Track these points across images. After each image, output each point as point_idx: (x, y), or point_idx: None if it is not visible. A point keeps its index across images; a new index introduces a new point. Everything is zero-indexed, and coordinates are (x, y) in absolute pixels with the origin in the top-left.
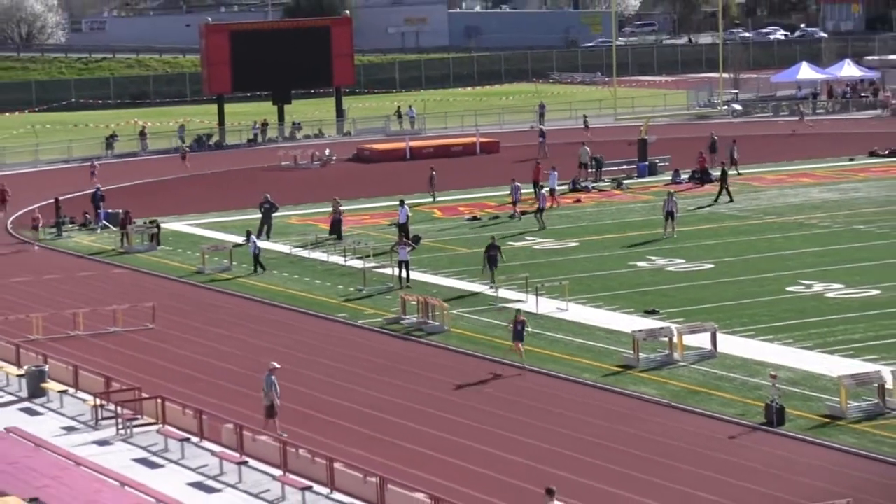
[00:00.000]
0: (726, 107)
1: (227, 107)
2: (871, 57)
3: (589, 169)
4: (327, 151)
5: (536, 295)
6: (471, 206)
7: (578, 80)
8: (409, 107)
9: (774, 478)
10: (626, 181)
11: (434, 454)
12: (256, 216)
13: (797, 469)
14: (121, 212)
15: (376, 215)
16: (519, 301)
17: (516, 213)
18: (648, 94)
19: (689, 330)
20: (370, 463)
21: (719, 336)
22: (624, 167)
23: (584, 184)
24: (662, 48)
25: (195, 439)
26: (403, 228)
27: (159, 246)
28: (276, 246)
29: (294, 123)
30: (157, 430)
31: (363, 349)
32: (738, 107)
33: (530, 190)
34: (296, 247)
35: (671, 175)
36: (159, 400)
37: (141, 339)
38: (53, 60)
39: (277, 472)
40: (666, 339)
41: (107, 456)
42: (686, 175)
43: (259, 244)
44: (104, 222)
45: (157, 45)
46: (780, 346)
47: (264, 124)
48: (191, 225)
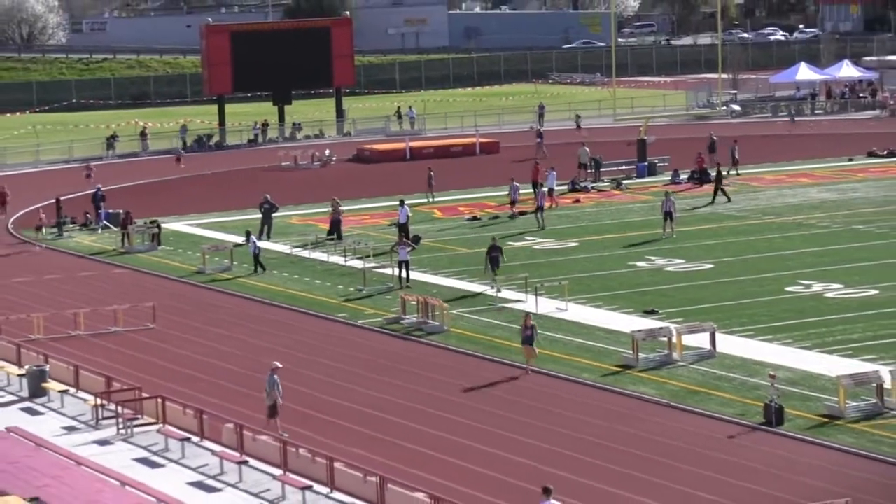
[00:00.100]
0: (725, 107)
1: (228, 107)
2: (869, 58)
3: (588, 169)
4: (327, 152)
5: (536, 295)
6: (471, 206)
7: (578, 81)
8: (409, 107)
9: (773, 477)
10: (625, 181)
11: (434, 454)
12: (257, 216)
13: (796, 469)
14: (121, 212)
15: (376, 215)
16: (518, 301)
17: (515, 213)
18: (647, 95)
19: (688, 330)
20: (370, 462)
21: (718, 336)
22: (623, 167)
23: (583, 184)
24: (661, 49)
25: (195, 439)
26: (403, 228)
27: (160, 246)
28: (277, 246)
29: (294, 124)
30: (158, 430)
31: (363, 349)
32: (736, 107)
33: (529, 190)
34: (296, 247)
35: (670, 175)
36: (160, 400)
37: (141, 338)
38: (54, 61)
39: (278, 472)
40: (665, 339)
41: (107, 455)
42: (685, 175)
43: (259, 244)
44: (105, 222)
45: (158, 46)
46: (779, 346)
47: (265, 125)
48: (191, 225)
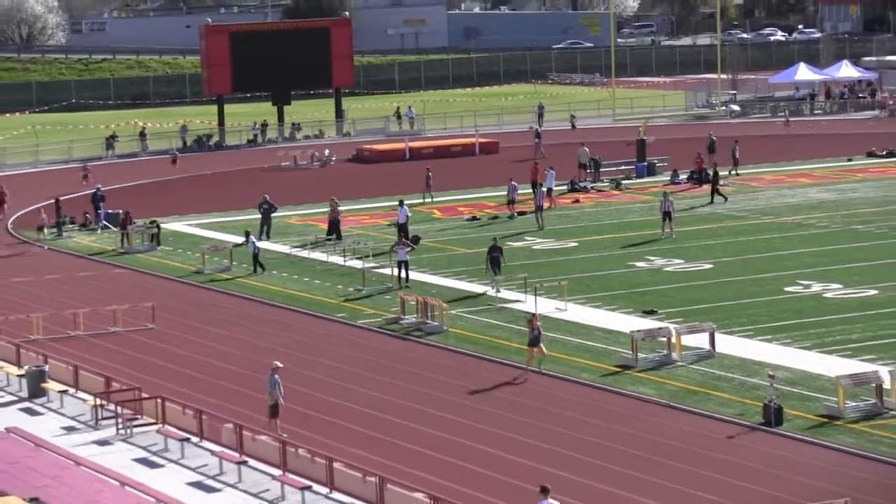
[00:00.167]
0: (724, 107)
1: (227, 107)
2: (868, 58)
3: (588, 169)
4: (327, 152)
5: (535, 295)
6: (470, 206)
7: (577, 81)
8: (409, 107)
9: (772, 477)
10: (624, 181)
11: (433, 454)
12: (256, 217)
13: (795, 469)
14: (121, 212)
15: (376, 215)
16: (517, 301)
17: (514, 214)
18: (647, 95)
19: (687, 330)
20: (369, 463)
21: (718, 336)
22: (622, 168)
23: (582, 184)
24: (661, 49)
25: (195, 439)
26: (403, 229)
27: (159, 246)
28: (276, 246)
29: (294, 124)
30: (157, 430)
31: (362, 349)
32: (736, 107)
33: (528, 190)
34: (295, 247)
35: (670, 175)
36: (159, 400)
37: (141, 339)
38: (54, 61)
39: (277, 472)
40: (664, 339)
41: (107, 456)
42: (685, 175)
43: (258, 244)
44: (104, 222)
45: (157, 46)
46: (778, 346)
47: (264, 125)
48: (191, 225)
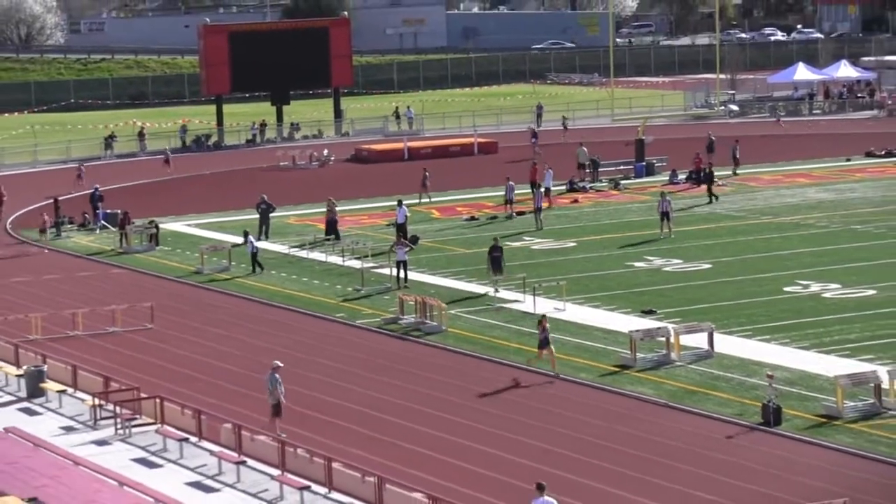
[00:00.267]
0: (723, 107)
1: (226, 107)
2: (867, 58)
3: (586, 169)
4: (325, 152)
5: (534, 295)
6: (469, 206)
7: (576, 81)
8: (408, 107)
9: (771, 477)
10: (623, 181)
11: (432, 454)
12: (255, 217)
13: (794, 469)
14: (120, 212)
15: (374, 215)
16: (516, 301)
17: (512, 213)
18: (646, 95)
19: (686, 330)
20: (368, 462)
21: (716, 336)
22: (621, 167)
23: (581, 184)
24: (659, 49)
25: (194, 439)
26: (401, 229)
27: (158, 246)
28: (275, 246)
29: (292, 124)
30: (156, 430)
31: (361, 349)
32: (734, 107)
33: (526, 190)
34: (294, 247)
35: (668, 175)
36: (158, 400)
37: (140, 339)
38: (52, 61)
39: (276, 472)
40: (663, 338)
41: (105, 456)
42: (683, 175)
43: (257, 244)
44: (103, 222)
45: (156, 46)
46: (777, 346)
47: (263, 125)
48: (189, 225)
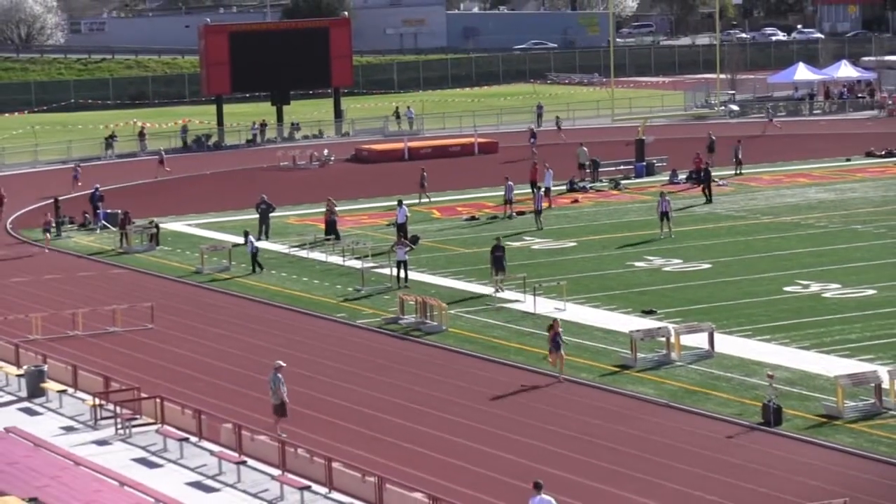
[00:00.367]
0: (723, 107)
1: (226, 107)
2: (867, 58)
3: (586, 169)
4: (326, 152)
5: (534, 295)
6: (469, 206)
7: (576, 81)
8: (408, 107)
9: (771, 477)
10: (623, 181)
11: (432, 454)
12: (255, 216)
13: (794, 469)
14: (120, 212)
15: (374, 215)
16: (517, 301)
17: (512, 213)
18: (646, 95)
19: (686, 330)
20: (368, 462)
21: (717, 336)
22: (621, 167)
23: (581, 184)
24: (659, 49)
25: (194, 439)
26: (402, 228)
27: (158, 246)
28: (275, 246)
29: (293, 124)
30: (156, 430)
31: (361, 349)
32: (734, 107)
33: (526, 190)
34: (294, 247)
35: (668, 175)
36: (158, 400)
37: (140, 339)
38: (53, 61)
39: (276, 472)
40: (663, 338)
41: (106, 456)
42: (683, 175)
43: (257, 244)
44: (103, 222)
45: (156, 46)
46: (777, 346)
47: (263, 125)
48: (190, 225)
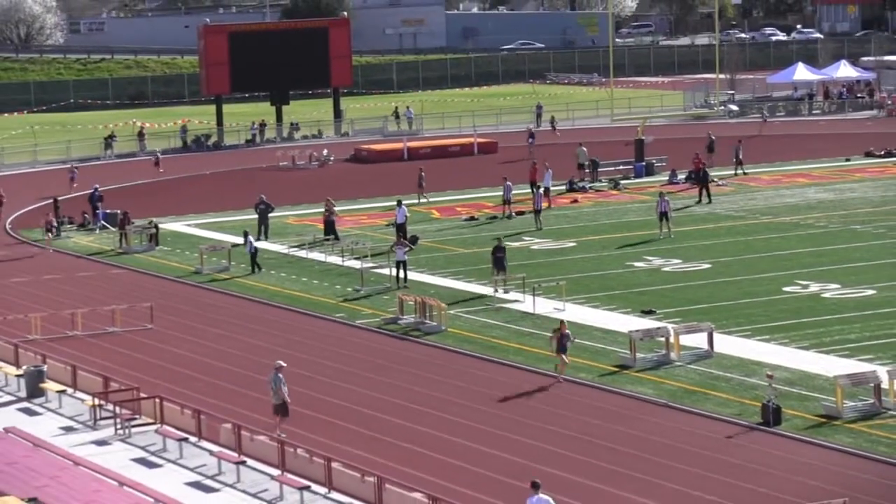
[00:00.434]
0: (723, 107)
1: (226, 107)
2: (867, 58)
3: (586, 169)
4: (325, 152)
5: (534, 295)
6: (468, 206)
7: (576, 81)
8: (407, 107)
9: (771, 477)
10: (622, 181)
11: (432, 454)
12: (254, 216)
13: (793, 468)
14: (119, 212)
15: (374, 216)
16: (516, 301)
17: (511, 213)
18: (645, 95)
19: (685, 330)
20: (368, 462)
21: (716, 336)
22: (621, 167)
23: (580, 184)
24: (659, 49)
25: (193, 439)
26: (401, 229)
27: (158, 246)
28: (275, 246)
29: (292, 124)
30: (156, 430)
31: (361, 349)
32: (734, 107)
33: (526, 190)
34: (293, 247)
35: (668, 175)
36: (157, 400)
37: (139, 339)
38: (52, 61)
39: (275, 472)
40: (663, 338)
41: (105, 456)
42: (683, 175)
43: (256, 244)
44: (103, 223)
45: (156, 46)
46: (776, 346)
47: (262, 125)
48: (189, 225)
